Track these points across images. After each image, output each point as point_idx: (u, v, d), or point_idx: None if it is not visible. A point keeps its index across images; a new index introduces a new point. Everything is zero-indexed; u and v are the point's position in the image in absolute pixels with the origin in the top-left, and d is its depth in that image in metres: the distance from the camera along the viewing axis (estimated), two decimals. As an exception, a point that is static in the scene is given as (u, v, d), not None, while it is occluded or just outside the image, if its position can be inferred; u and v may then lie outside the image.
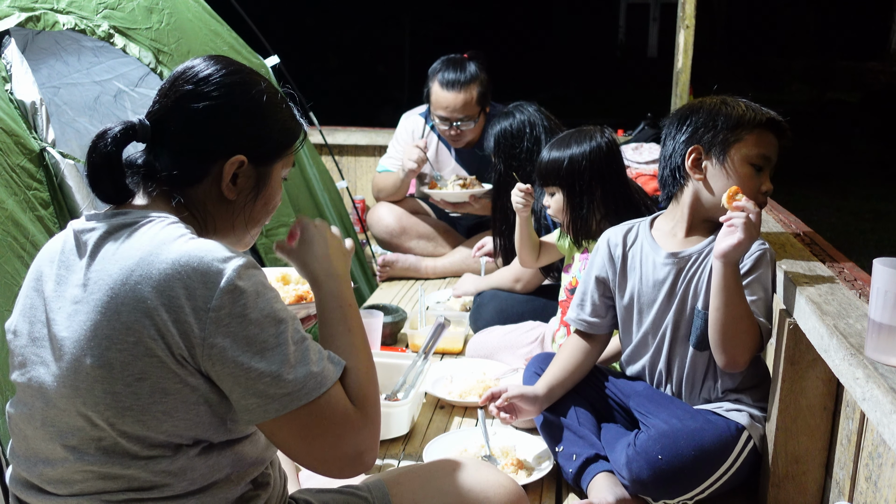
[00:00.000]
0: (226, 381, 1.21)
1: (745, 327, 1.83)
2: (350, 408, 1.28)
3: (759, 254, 1.90)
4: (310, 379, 1.23)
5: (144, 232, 1.25)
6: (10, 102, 2.24)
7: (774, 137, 1.92)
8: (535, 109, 3.00)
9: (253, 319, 1.20)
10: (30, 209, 2.13)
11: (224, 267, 1.21)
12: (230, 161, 1.33)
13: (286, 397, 1.21)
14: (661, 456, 1.82)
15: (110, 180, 1.31)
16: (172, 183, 1.33)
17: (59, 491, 1.27)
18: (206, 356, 1.19)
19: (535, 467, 2.05)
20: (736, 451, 1.87)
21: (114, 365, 1.19)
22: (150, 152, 1.34)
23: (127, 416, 1.21)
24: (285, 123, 1.42)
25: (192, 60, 1.38)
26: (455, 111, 3.46)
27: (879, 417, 1.28)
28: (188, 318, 1.18)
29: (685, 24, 3.88)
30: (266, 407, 1.21)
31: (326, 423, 1.24)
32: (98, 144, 1.30)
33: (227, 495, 1.29)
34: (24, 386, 1.29)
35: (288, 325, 1.24)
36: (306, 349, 1.25)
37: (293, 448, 1.26)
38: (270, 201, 1.43)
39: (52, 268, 1.30)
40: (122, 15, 2.73)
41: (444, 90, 3.45)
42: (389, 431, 2.20)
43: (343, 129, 4.69)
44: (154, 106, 1.36)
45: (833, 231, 6.66)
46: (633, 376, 2.11)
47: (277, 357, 1.21)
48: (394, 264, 3.66)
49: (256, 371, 1.20)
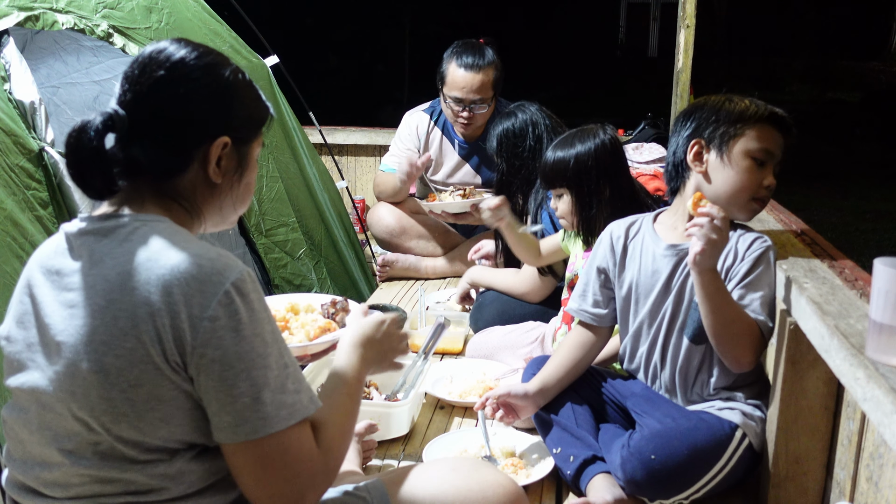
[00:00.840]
0: (207, 393, 1.21)
1: (738, 330, 1.83)
2: (315, 450, 1.27)
3: (760, 252, 1.90)
4: (283, 408, 1.22)
5: (140, 235, 1.24)
6: (9, 102, 2.24)
7: (778, 133, 1.92)
8: (537, 109, 2.99)
9: (245, 335, 1.19)
10: (29, 209, 2.13)
11: (223, 277, 1.20)
12: (215, 144, 1.32)
13: (260, 421, 1.20)
14: (655, 456, 1.82)
15: (100, 175, 1.28)
16: (158, 175, 1.31)
17: (56, 494, 1.26)
18: (195, 364, 1.19)
19: (534, 467, 2.04)
20: (730, 449, 1.87)
21: (110, 371, 1.19)
22: (129, 144, 1.29)
23: (122, 422, 1.20)
24: (257, 103, 1.41)
25: (156, 44, 1.34)
26: (471, 92, 3.44)
27: (880, 418, 1.28)
28: (183, 325, 1.17)
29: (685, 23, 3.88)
30: (236, 429, 1.20)
31: (289, 458, 1.23)
32: (82, 139, 1.26)
33: (224, 498, 1.28)
34: (20, 391, 1.28)
35: (274, 348, 1.23)
36: (286, 377, 1.24)
37: (246, 475, 1.23)
38: (251, 180, 1.43)
39: (43, 272, 1.29)
40: (121, 14, 2.73)
41: (462, 70, 3.44)
42: (389, 431, 2.20)
43: (343, 128, 4.68)
44: (125, 95, 1.31)
45: (833, 231, 6.65)
46: (629, 371, 2.11)
47: (260, 379, 1.20)
48: (394, 264, 3.66)
49: (238, 390, 1.19)
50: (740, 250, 1.91)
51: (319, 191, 3.65)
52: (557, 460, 2.01)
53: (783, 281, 1.88)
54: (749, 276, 1.88)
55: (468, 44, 3.51)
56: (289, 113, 3.61)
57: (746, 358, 1.85)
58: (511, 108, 3.02)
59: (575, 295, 2.18)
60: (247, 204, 1.45)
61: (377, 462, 2.12)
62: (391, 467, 2.07)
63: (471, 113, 3.50)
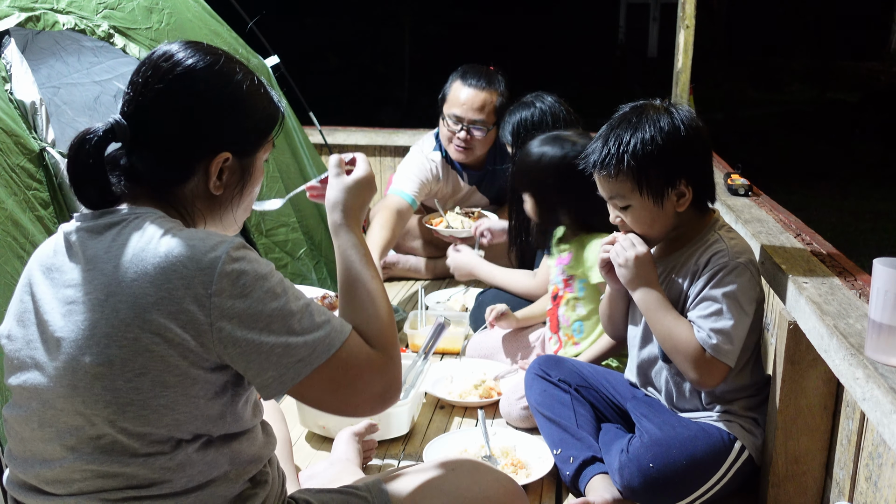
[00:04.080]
0: (239, 362, 1.23)
1: (672, 346, 1.85)
2: (371, 352, 1.32)
3: (714, 269, 1.85)
4: (319, 341, 1.25)
5: (134, 228, 1.25)
6: (10, 102, 2.24)
7: (602, 179, 1.92)
8: (555, 100, 2.89)
9: (255, 297, 1.22)
10: (29, 209, 2.13)
11: (217, 252, 1.21)
12: (216, 160, 1.32)
13: (299, 363, 1.24)
14: (653, 464, 1.82)
15: (95, 188, 1.29)
16: (157, 185, 1.32)
17: (57, 491, 1.26)
18: (217, 340, 1.20)
19: (534, 467, 2.05)
20: (728, 461, 1.87)
21: (114, 362, 1.19)
22: (131, 153, 1.30)
23: (128, 412, 1.21)
24: (265, 110, 1.40)
25: (164, 49, 1.32)
26: (472, 110, 3.27)
27: (879, 417, 1.28)
28: (190, 307, 1.18)
29: (685, 24, 3.88)
30: (282, 378, 1.24)
31: (353, 372, 1.28)
32: (80, 153, 1.27)
33: (225, 493, 1.29)
34: (21, 389, 1.29)
35: (288, 294, 1.26)
36: (311, 314, 1.27)
37: (324, 402, 1.30)
38: (256, 187, 1.44)
39: (43, 271, 1.30)
40: (121, 15, 2.73)
41: (464, 86, 3.29)
42: (389, 431, 2.20)
43: (343, 129, 4.68)
44: (130, 103, 1.31)
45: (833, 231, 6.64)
46: (630, 382, 2.11)
47: (284, 328, 1.23)
48: (395, 266, 3.66)
49: (267, 345, 1.22)
50: (700, 266, 1.89)
51: (320, 191, 3.64)
52: (558, 461, 2.01)
53: (783, 281, 1.88)
54: (702, 292, 1.86)
55: (477, 67, 3.38)
56: (289, 113, 3.61)
57: (693, 375, 1.84)
58: (528, 97, 2.92)
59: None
60: (248, 212, 1.45)
61: (377, 462, 2.13)
62: (391, 467, 2.07)
63: (468, 135, 3.30)
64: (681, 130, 1.86)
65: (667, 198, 1.87)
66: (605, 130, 1.92)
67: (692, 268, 1.89)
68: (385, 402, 1.35)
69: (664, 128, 1.86)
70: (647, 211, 1.89)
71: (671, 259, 1.96)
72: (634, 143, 1.85)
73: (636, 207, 1.89)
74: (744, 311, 1.83)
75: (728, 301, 1.82)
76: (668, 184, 1.86)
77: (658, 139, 1.85)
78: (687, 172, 1.87)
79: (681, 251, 1.95)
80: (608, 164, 1.87)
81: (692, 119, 1.90)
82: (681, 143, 1.86)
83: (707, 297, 1.85)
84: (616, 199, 1.91)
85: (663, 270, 1.96)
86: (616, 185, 1.88)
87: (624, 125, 1.89)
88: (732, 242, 1.90)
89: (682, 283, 1.91)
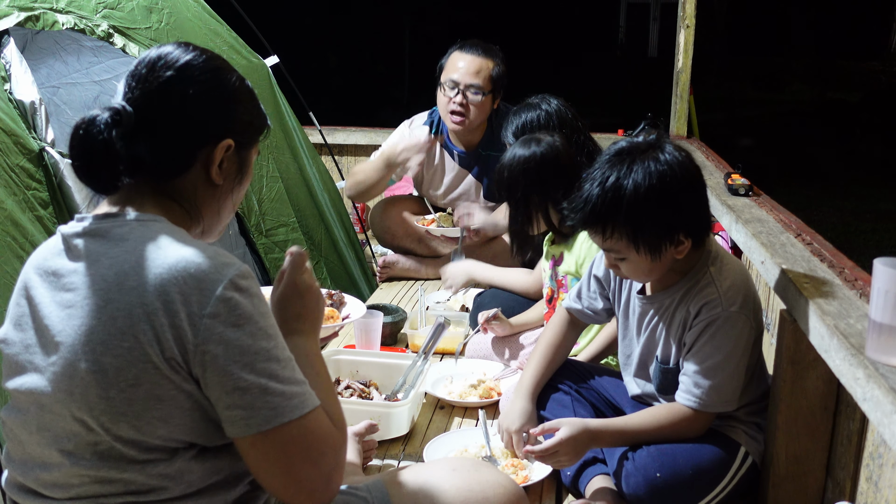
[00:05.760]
0: (214, 390, 1.20)
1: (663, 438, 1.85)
2: (333, 429, 1.28)
3: (709, 320, 1.80)
4: (295, 396, 1.22)
5: (138, 235, 1.24)
6: (10, 102, 2.24)
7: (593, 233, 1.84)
8: (560, 103, 2.83)
9: (247, 331, 1.20)
10: (29, 209, 2.13)
11: (221, 274, 1.20)
12: (220, 146, 1.33)
13: (271, 412, 1.20)
14: (660, 474, 1.81)
15: (107, 169, 1.29)
16: (160, 174, 1.32)
17: (56, 495, 1.26)
18: (198, 362, 1.19)
19: (535, 468, 2.04)
20: (734, 468, 1.86)
21: (108, 370, 1.19)
22: (133, 141, 1.29)
23: (121, 422, 1.20)
24: (259, 110, 1.44)
25: (163, 47, 1.35)
26: (468, 74, 3.27)
27: (880, 418, 1.28)
28: (182, 324, 1.18)
29: (685, 24, 3.89)
30: (249, 420, 1.19)
31: (313, 442, 1.23)
32: (91, 131, 1.26)
33: (225, 497, 1.29)
34: (19, 392, 1.28)
35: (278, 340, 1.24)
36: (293, 368, 1.25)
37: (269, 468, 1.22)
38: (248, 183, 1.45)
39: (40, 274, 1.29)
40: (121, 14, 2.73)
41: (462, 52, 3.31)
42: (389, 432, 2.20)
43: (343, 128, 4.68)
44: (132, 93, 1.31)
45: (833, 231, 6.64)
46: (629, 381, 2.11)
47: (266, 370, 1.20)
48: (394, 265, 3.65)
49: (245, 381, 1.19)
50: (691, 314, 1.83)
51: (319, 191, 3.65)
52: (558, 461, 2.00)
53: (783, 281, 1.88)
54: (694, 346, 1.83)
55: (476, 40, 3.39)
56: (289, 113, 3.61)
57: (689, 434, 1.85)
58: (532, 99, 2.87)
59: (571, 293, 2.17)
60: (237, 206, 1.46)
61: (377, 462, 2.13)
62: (391, 467, 2.07)
63: (464, 100, 3.28)
64: (675, 177, 1.72)
65: (665, 252, 1.77)
66: (590, 184, 1.77)
67: (683, 314, 1.85)
68: (327, 488, 1.25)
69: (654, 180, 1.71)
70: (645, 264, 1.79)
71: (663, 296, 1.89)
72: (626, 199, 1.71)
73: (632, 261, 1.79)
74: (739, 361, 1.82)
75: (722, 357, 1.79)
76: (666, 238, 1.75)
77: (652, 194, 1.71)
78: (684, 223, 1.76)
79: (669, 290, 1.88)
80: (598, 223, 1.77)
81: (682, 158, 1.76)
82: (675, 191, 1.73)
83: (699, 353, 1.81)
84: (611, 253, 1.83)
85: (654, 312, 1.91)
86: (610, 242, 1.79)
87: (611, 177, 1.74)
88: (726, 285, 1.80)
89: (672, 330, 1.87)
